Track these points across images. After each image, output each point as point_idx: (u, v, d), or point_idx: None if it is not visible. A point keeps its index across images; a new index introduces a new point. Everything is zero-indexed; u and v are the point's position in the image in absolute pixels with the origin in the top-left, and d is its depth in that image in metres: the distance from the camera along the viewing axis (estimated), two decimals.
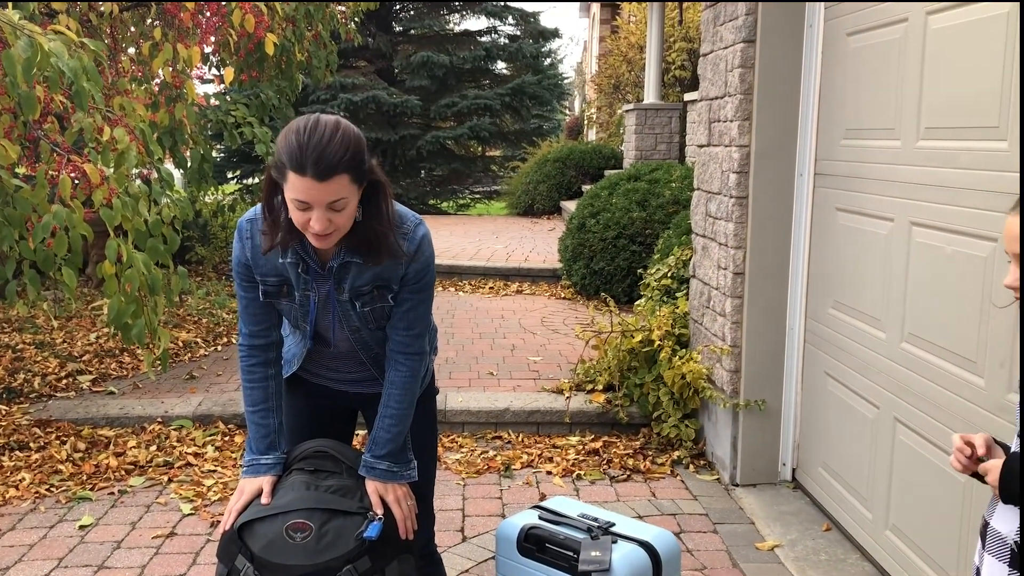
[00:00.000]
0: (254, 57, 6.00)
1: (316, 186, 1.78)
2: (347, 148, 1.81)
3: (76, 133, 4.04)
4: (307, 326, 2.10)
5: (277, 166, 1.84)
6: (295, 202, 1.82)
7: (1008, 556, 1.46)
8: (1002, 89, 2.39)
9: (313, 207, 1.81)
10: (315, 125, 1.81)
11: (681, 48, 11.45)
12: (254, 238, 2.02)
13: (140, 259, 3.96)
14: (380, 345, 2.15)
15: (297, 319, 2.10)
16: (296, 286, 2.03)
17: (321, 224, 1.82)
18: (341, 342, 2.13)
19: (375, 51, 16.06)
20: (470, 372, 5.25)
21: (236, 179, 15.61)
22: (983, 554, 1.52)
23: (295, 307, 2.07)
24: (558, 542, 2.19)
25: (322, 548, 1.92)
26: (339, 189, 1.81)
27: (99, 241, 6.59)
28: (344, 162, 1.80)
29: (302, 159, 1.77)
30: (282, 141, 1.82)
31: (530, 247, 9.41)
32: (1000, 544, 1.47)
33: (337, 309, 2.06)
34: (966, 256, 2.55)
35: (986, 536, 1.52)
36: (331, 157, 1.78)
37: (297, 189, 1.80)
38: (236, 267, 2.07)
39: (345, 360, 2.20)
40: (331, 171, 1.78)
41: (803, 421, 3.75)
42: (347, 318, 2.08)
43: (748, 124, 3.69)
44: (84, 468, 4.02)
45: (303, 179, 1.78)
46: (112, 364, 5.46)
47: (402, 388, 2.09)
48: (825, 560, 3.21)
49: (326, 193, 1.80)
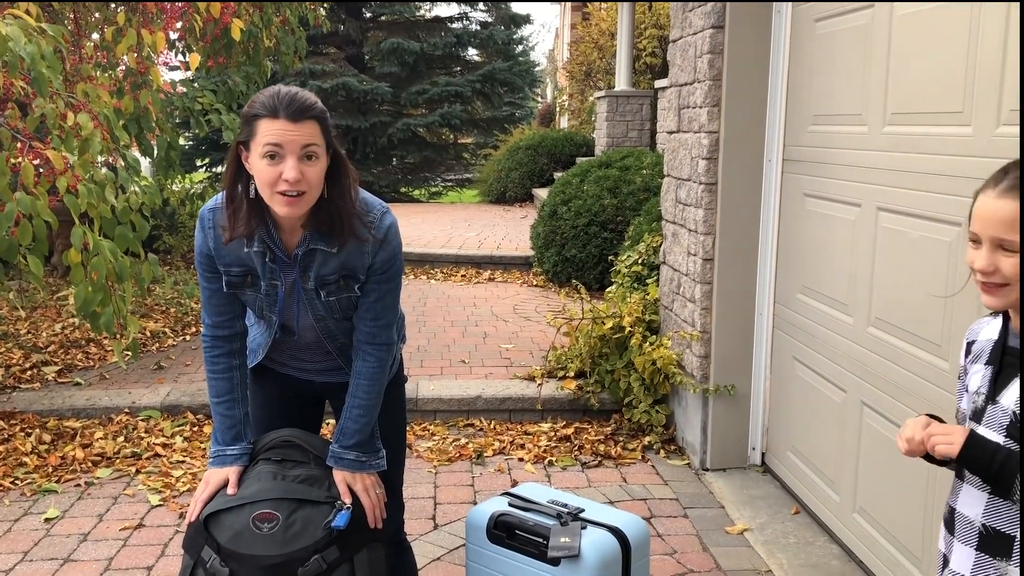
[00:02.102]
0: (221, 43, 5.93)
1: (290, 127, 1.81)
2: (316, 100, 1.89)
3: (38, 119, 3.96)
4: (273, 316, 2.07)
5: (246, 124, 1.86)
6: (268, 148, 1.82)
7: (976, 540, 1.46)
8: (966, 74, 2.41)
9: (286, 154, 1.82)
10: (282, 85, 1.89)
11: (652, 35, 11.45)
12: (217, 228, 1.99)
13: (107, 247, 3.90)
14: (346, 335, 2.13)
15: (262, 309, 2.08)
16: (262, 275, 2.01)
17: (294, 173, 1.82)
18: (306, 331, 2.11)
19: (345, 37, 15.92)
20: (442, 360, 5.23)
21: (205, 167, 15.43)
22: (952, 541, 1.52)
23: (260, 297, 2.04)
24: (528, 528, 2.19)
25: (289, 538, 1.91)
26: (311, 134, 1.85)
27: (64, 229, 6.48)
28: (315, 107, 1.86)
29: (275, 104, 1.83)
30: (250, 104, 1.88)
31: (502, 235, 9.39)
32: (968, 528, 1.48)
33: (303, 298, 2.04)
34: (931, 241, 2.57)
35: (954, 523, 1.52)
36: (303, 100, 1.84)
37: (270, 133, 1.82)
38: (199, 257, 2.04)
39: (311, 350, 2.18)
40: (303, 112, 1.83)
41: (772, 405, 3.78)
42: (312, 307, 2.06)
43: (717, 110, 3.70)
44: (50, 460, 3.96)
45: (276, 121, 1.82)
46: (78, 355, 5.39)
47: (370, 379, 2.07)
48: (794, 543, 3.24)
49: (300, 135, 1.82)
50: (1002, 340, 1.51)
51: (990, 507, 1.44)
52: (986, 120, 2.32)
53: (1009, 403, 1.43)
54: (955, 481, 1.54)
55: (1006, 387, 1.46)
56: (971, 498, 1.48)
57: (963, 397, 1.64)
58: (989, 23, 2.31)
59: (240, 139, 1.89)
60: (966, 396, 1.57)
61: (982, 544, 1.45)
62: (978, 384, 1.52)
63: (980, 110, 2.34)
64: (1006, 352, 1.48)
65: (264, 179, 1.85)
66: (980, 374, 1.52)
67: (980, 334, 1.59)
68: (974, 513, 1.47)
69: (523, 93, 18.19)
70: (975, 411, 1.50)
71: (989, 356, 1.52)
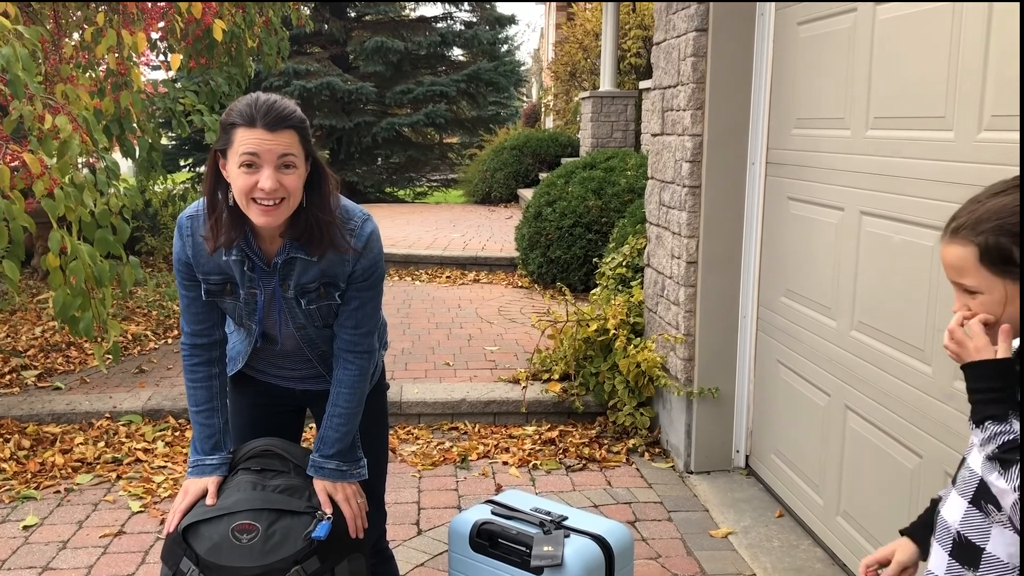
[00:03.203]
0: (203, 43, 5.88)
1: (267, 136, 1.79)
2: (294, 108, 1.86)
3: (15, 122, 3.91)
4: (253, 325, 2.05)
5: (223, 132, 1.84)
6: (244, 158, 1.80)
7: (950, 545, 1.47)
8: (948, 79, 2.41)
9: (263, 163, 1.80)
10: (261, 93, 1.86)
11: (636, 36, 11.47)
12: (195, 235, 1.97)
13: (85, 251, 3.86)
14: (327, 343, 2.11)
15: (242, 317, 2.05)
16: (241, 284, 1.98)
17: (270, 183, 1.79)
18: (287, 339, 2.09)
19: (328, 37, 15.85)
20: (426, 363, 5.21)
21: (188, 167, 15.34)
22: (934, 542, 1.54)
23: (239, 305, 2.02)
24: (511, 537, 2.18)
25: (269, 549, 1.89)
26: (288, 144, 1.82)
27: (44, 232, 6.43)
28: (293, 116, 1.83)
29: (252, 113, 1.80)
30: (227, 112, 1.85)
31: (487, 236, 9.38)
32: (946, 533, 1.49)
33: (283, 307, 2.02)
34: (914, 245, 2.57)
35: (936, 525, 1.53)
36: (280, 110, 1.82)
37: (247, 142, 1.80)
38: (177, 265, 2.01)
39: (291, 358, 2.15)
40: (281, 121, 1.80)
41: (756, 408, 3.79)
42: (293, 315, 2.03)
43: (701, 113, 3.69)
44: (29, 466, 3.92)
45: (253, 130, 1.80)
46: (58, 359, 5.33)
47: (351, 387, 2.05)
48: (778, 546, 3.24)
49: (276, 145, 1.80)
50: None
51: (967, 517, 1.45)
52: (968, 125, 2.32)
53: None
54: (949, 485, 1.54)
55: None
56: (954, 505, 1.48)
57: None
58: (971, 28, 2.31)
59: (217, 147, 1.87)
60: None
61: (955, 551, 1.46)
62: None
63: (962, 115, 2.34)
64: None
65: (240, 188, 1.82)
66: None
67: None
68: (952, 519, 1.47)
69: (508, 93, 18.16)
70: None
71: None
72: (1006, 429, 1.33)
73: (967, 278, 1.41)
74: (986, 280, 1.39)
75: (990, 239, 1.37)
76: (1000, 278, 1.38)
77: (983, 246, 1.38)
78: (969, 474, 1.46)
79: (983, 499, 1.41)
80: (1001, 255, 1.37)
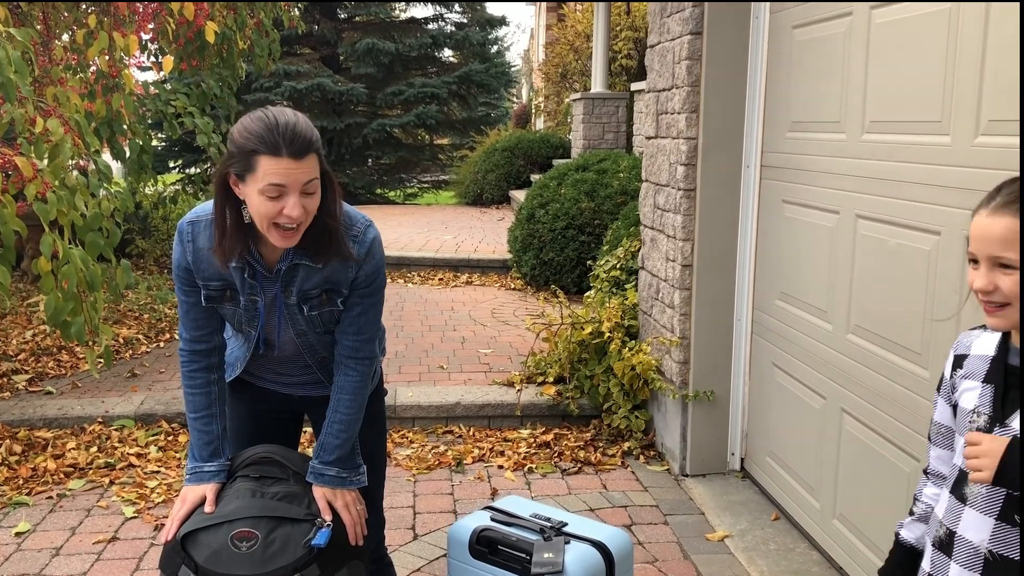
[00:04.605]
0: (194, 45, 5.86)
1: (293, 165, 1.75)
2: (313, 130, 1.82)
3: (6, 125, 3.89)
4: (253, 331, 2.04)
5: (242, 158, 1.77)
6: (270, 188, 1.75)
7: (981, 566, 1.44)
8: (944, 83, 2.42)
9: (289, 192, 1.77)
10: (276, 111, 1.79)
11: (628, 37, 11.48)
12: (196, 240, 1.95)
13: (77, 255, 3.83)
14: (327, 349, 2.10)
15: (241, 323, 2.04)
16: (241, 291, 1.97)
17: (298, 210, 1.77)
18: (287, 344, 2.08)
19: (319, 38, 15.83)
20: (420, 366, 5.20)
21: (178, 168, 15.28)
22: (947, 563, 1.50)
23: (239, 312, 2.01)
24: (510, 544, 2.17)
25: (269, 557, 1.87)
26: (312, 169, 1.79)
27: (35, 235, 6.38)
28: (315, 141, 1.80)
29: (276, 140, 1.74)
30: (243, 133, 1.77)
31: (479, 237, 9.37)
32: (973, 554, 1.45)
33: (284, 312, 2.01)
34: (910, 249, 2.58)
35: (952, 546, 1.50)
36: (304, 135, 1.77)
37: (274, 173, 1.75)
38: (176, 271, 1.99)
39: (290, 364, 2.14)
40: (306, 148, 1.76)
41: (751, 411, 3.79)
42: (294, 321, 2.02)
43: (696, 116, 3.70)
44: (20, 472, 3.89)
45: (280, 160, 1.74)
46: (50, 363, 5.30)
47: (352, 393, 2.04)
48: (774, 549, 3.24)
49: (303, 173, 1.77)
50: (1002, 357, 1.49)
51: (997, 533, 1.42)
52: (965, 130, 2.32)
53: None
54: (952, 502, 1.50)
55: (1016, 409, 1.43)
56: (975, 522, 1.45)
57: (941, 408, 1.63)
58: (968, 33, 2.31)
59: (235, 171, 1.80)
60: (958, 413, 1.55)
61: (987, 570, 1.43)
62: (975, 403, 1.49)
63: (959, 120, 2.35)
64: (1009, 372, 1.46)
65: (263, 213, 1.79)
66: (976, 392, 1.50)
67: (972, 348, 1.55)
68: (979, 539, 1.44)
69: (499, 94, 18.16)
70: (977, 431, 1.48)
71: (988, 374, 1.49)
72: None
73: (1010, 251, 1.38)
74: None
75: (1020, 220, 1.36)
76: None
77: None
78: (986, 490, 1.44)
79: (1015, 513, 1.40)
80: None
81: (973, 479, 1.43)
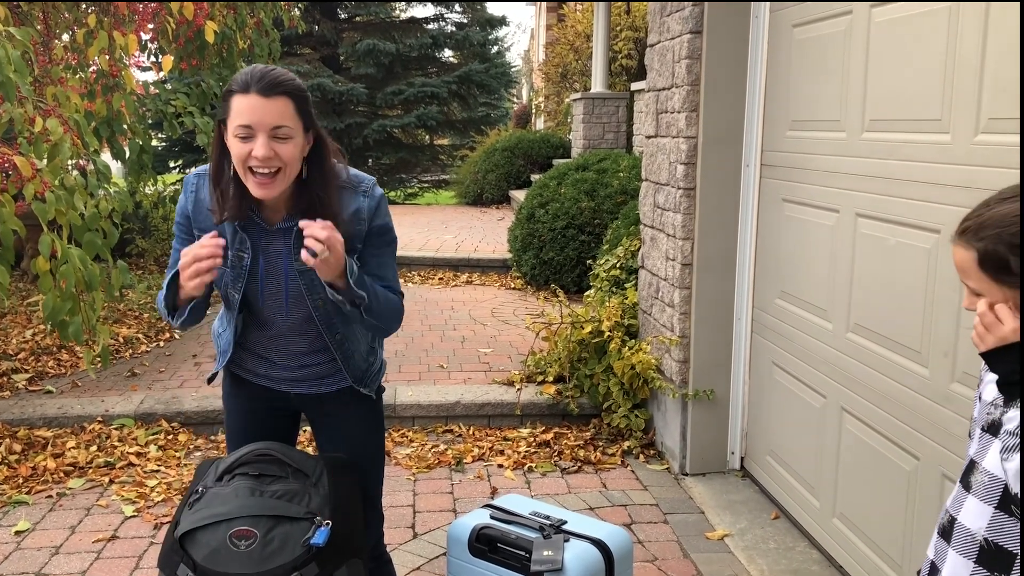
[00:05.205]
0: (194, 45, 5.86)
1: (260, 103, 1.79)
2: (292, 77, 1.86)
3: (6, 124, 3.89)
4: (236, 294, 2.02)
5: (223, 103, 1.85)
6: (240, 129, 1.80)
7: (975, 553, 1.45)
8: (944, 82, 2.41)
9: (257, 132, 1.80)
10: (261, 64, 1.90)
11: (628, 37, 11.48)
12: (199, 191, 2.00)
13: (76, 255, 3.83)
14: (345, 323, 2.08)
15: (227, 286, 2.02)
16: (231, 245, 1.97)
17: (264, 150, 1.80)
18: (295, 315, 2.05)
19: (320, 38, 15.84)
20: (420, 365, 5.20)
21: (178, 168, 15.29)
22: (946, 550, 1.51)
23: (227, 271, 2.00)
24: (510, 542, 2.17)
25: (267, 556, 1.87)
26: (283, 112, 1.81)
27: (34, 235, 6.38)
28: (288, 83, 1.83)
29: (246, 79, 1.81)
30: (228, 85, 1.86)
31: (479, 237, 9.36)
32: (969, 541, 1.46)
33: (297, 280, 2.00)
34: (910, 247, 2.57)
35: (952, 532, 1.51)
36: (276, 76, 1.82)
37: (242, 110, 1.80)
38: (178, 219, 2.05)
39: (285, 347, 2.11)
40: (275, 87, 1.80)
41: (751, 410, 3.79)
42: (311, 289, 2.00)
43: (695, 115, 3.69)
44: (20, 471, 3.89)
45: (248, 96, 1.80)
46: (49, 362, 5.30)
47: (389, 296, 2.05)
48: (774, 548, 3.24)
49: (270, 114, 1.80)
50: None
51: (995, 522, 1.43)
52: (965, 128, 2.32)
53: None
54: (958, 490, 1.52)
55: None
56: (975, 510, 1.46)
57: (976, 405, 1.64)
58: (968, 32, 2.31)
59: (219, 117, 1.89)
60: (978, 405, 1.56)
61: (982, 558, 1.44)
62: (993, 396, 1.51)
63: (959, 118, 2.35)
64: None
65: (237, 156, 1.84)
66: (995, 385, 1.51)
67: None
68: (976, 526, 1.45)
69: (499, 94, 18.16)
70: (991, 423, 1.49)
71: None
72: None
73: (969, 280, 1.45)
74: (985, 284, 1.43)
75: (989, 246, 1.40)
76: (998, 284, 1.41)
77: (982, 252, 1.41)
78: (988, 479, 1.44)
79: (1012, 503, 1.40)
80: (998, 263, 1.39)
81: (972, 338, 1.48)
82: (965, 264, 1.44)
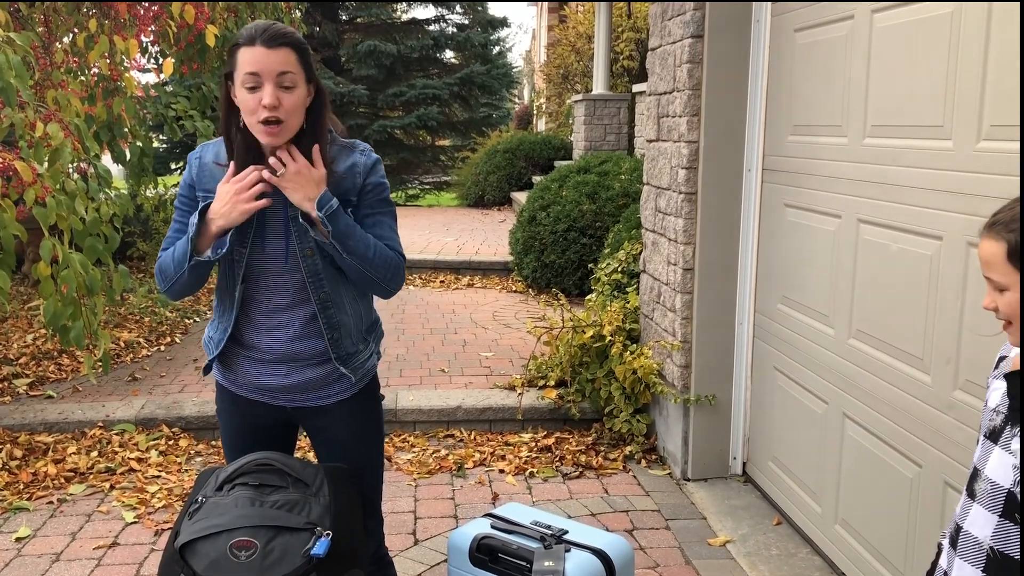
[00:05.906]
0: (195, 48, 5.86)
1: (265, 53, 1.89)
2: (293, 31, 1.97)
3: (6, 129, 3.88)
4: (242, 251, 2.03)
5: (230, 58, 1.94)
6: (247, 78, 1.89)
7: (983, 561, 1.45)
8: (946, 88, 2.40)
9: (264, 81, 1.89)
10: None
11: (629, 39, 11.47)
12: (203, 156, 2.08)
13: (77, 259, 3.83)
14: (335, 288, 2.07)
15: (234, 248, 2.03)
16: None
17: (271, 98, 1.88)
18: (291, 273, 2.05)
19: (321, 40, 15.84)
20: (421, 369, 5.19)
21: (179, 171, 15.28)
22: (954, 558, 1.52)
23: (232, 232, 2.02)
24: (511, 552, 2.16)
25: (268, 566, 1.86)
26: (287, 61, 1.91)
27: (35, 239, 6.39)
28: (290, 35, 1.94)
29: (253, 33, 1.92)
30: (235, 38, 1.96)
31: (481, 239, 9.36)
32: (976, 549, 1.47)
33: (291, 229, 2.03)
34: (912, 254, 2.57)
35: (959, 541, 1.51)
36: (278, 28, 1.93)
37: (247, 61, 1.90)
38: (181, 190, 2.11)
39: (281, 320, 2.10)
40: (278, 38, 1.91)
41: (753, 416, 3.78)
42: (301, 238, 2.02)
43: (697, 120, 3.68)
44: (21, 477, 3.88)
45: (253, 48, 1.90)
46: (50, 367, 5.29)
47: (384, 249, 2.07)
48: (776, 555, 3.23)
49: (275, 62, 1.90)
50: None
51: (1000, 531, 1.43)
52: (967, 135, 2.31)
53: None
54: (964, 498, 1.52)
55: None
56: (981, 519, 1.46)
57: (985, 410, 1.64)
58: (970, 38, 2.30)
59: (226, 71, 1.96)
60: (985, 410, 1.56)
61: (989, 566, 1.44)
62: (997, 402, 1.50)
63: (961, 124, 2.34)
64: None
65: (246, 108, 1.92)
66: (1000, 392, 1.51)
67: (1012, 350, 1.57)
68: (983, 535, 1.45)
69: (500, 95, 18.16)
70: (992, 430, 1.48)
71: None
72: None
73: (994, 273, 1.44)
74: (1012, 278, 1.42)
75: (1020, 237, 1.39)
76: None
77: (1012, 243, 1.40)
78: (990, 486, 1.44)
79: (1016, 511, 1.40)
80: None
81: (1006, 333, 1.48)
82: (993, 257, 1.43)
